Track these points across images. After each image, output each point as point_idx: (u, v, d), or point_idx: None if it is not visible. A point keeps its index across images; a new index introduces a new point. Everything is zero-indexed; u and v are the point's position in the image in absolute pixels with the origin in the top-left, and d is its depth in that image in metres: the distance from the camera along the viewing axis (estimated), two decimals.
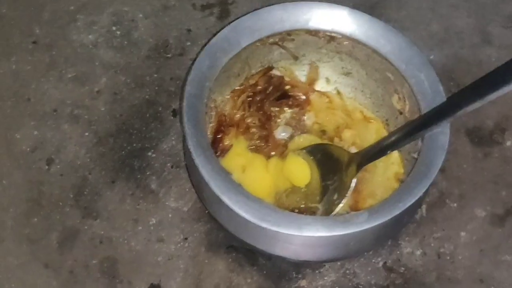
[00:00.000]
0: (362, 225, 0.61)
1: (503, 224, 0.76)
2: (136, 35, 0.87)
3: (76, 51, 0.85)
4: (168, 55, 0.85)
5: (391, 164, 0.74)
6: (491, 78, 0.59)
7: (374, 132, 0.77)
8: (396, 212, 0.62)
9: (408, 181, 0.64)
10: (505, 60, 0.58)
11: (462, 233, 0.75)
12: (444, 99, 0.68)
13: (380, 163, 0.73)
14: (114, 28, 0.87)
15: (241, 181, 0.72)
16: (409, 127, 0.67)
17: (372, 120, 0.78)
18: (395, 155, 0.74)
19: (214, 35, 0.71)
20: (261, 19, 0.72)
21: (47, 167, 0.77)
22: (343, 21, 0.72)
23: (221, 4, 0.90)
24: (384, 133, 0.77)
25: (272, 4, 0.75)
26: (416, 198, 0.63)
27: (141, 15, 0.88)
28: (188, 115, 0.66)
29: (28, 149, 0.78)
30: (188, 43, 0.86)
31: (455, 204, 0.76)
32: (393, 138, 0.68)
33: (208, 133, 0.73)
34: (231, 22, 0.72)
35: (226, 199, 0.62)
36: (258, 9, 0.73)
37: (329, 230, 0.61)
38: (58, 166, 0.77)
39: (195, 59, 0.69)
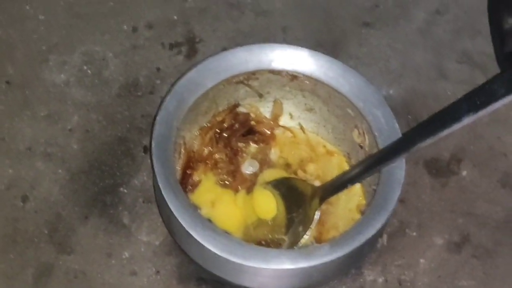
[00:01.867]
0: (324, 257, 0.65)
1: (459, 251, 0.79)
2: (107, 74, 0.89)
3: (48, 90, 0.87)
4: (139, 93, 0.88)
5: (353, 196, 0.77)
6: (442, 116, 0.63)
7: (336, 166, 0.80)
8: (357, 244, 0.65)
9: (367, 213, 0.68)
10: (460, 94, 0.61)
11: (422, 260, 0.78)
12: (400, 135, 0.71)
13: (343, 195, 0.76)
14: (85, 67, 0.90)
15: (211, 216, 0.75)
16: (367, 163, 0.71)
17: (335, 154, 0.81)
18: (356, 187, 0.77)
19: (181, 76, 0.74)
20: (226, 60, 0.75)
21: (22, 204, 0.79)
22: (304, 62, 0.76)
23: (188, 42, 0.93)
24: (346, 166, 0.80)
25: (238, 43, 0.79)
26: (376, 230, 0.66)
27: (111, 54, 0.91)
28: (157, 154, 0.69)
29: (3, 186, 0.80)
30: (158, 81, 0.89)
31: (414, 233, 0.80)
32: (352, 173, 0.71)
33: (178, 169, 0.76)
34: (197, 63, 0.75)
35: (194, 233, 0.65)
36: (224, 50, 0.77)
37: (293, 263, 0.64)
38: (33, 203, 0.80)
39: (162, 100, 0.72)
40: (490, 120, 0.88)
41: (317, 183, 0.78)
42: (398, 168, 0.69)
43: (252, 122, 0.82)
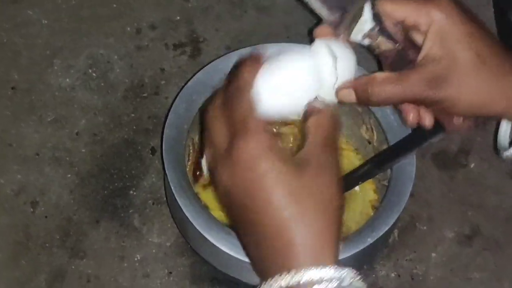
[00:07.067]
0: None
1: (470, 243, 0.80)
2: (112, 77, 0.89)
3: (54, 95, 0.87)
4: (144, 95, 0.88)
5: (368, 191, 0.78)
6: None
7: (345, 161, 0.80)
8: (370, 241, 0.66)
9: (380, 210, 0.68)
10: None
11: (433, 254, 0.79)
12: (409, 131, 0.72)
13: (355, 190, 0.77)
14: (90, 70, 0.90)
15: (221, 215, 0.75)
16: (378, 159, 0.70)
17: (344, 150, 0.81)
18: (369, 181, 0.77)
19: (189, 79, 0.74)
20: (233, 61, 0.75)
21: (32, 210, 0.80)
22: None
23: (192, 42, 0.93)
24: (355, 160, 0.80)
25: (241, 42, 0.78)
26: (389, 226, 0.66)
27: (116, 57, 0.91)
28: (168, 158, 0.69)
29: (13, 193, 0.81)
30: (163, 82, 0.89)
31: (424, 227, 0.80)
32: (363, 169, 0.71)
33: (187, 170, 0.76)
34: (204, 66, 0.75)
35: (209, 236, 0.66)
36: (227, 49, 0.76)
37: None
38: (43, 208, 0.80)
39: (172, 103, 0.72)
40: None
41: None
42: (409, 164, 0.70)
43: None
